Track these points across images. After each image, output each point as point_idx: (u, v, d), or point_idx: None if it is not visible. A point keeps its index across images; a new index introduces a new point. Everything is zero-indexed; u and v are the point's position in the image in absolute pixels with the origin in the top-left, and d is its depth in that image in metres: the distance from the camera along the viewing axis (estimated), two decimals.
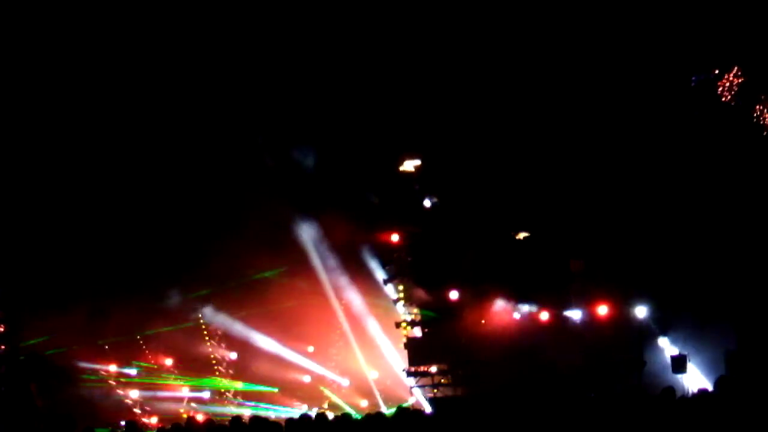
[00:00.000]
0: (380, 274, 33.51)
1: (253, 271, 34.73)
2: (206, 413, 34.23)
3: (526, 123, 29.71)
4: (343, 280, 34.39)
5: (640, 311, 28.19)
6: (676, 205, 27.62)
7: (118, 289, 33.76)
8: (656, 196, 27.86)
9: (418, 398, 32.07)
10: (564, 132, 29.13)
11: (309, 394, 37.65)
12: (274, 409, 35.82)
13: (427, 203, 31.69)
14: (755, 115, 26.88)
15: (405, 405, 16.44)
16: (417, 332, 32.19)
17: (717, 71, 27.61)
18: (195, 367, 37.47)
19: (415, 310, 32.29)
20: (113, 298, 33.99)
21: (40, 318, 33.47)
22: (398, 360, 33.77)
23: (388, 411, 29.73)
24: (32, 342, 33.85)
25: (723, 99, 27.31)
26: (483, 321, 30.87)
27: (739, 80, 27.19)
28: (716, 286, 26.50)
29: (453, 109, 30.52)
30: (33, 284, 33.12)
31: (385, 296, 33.55)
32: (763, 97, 26.90)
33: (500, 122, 30.06)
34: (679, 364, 25.99)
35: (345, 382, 37.61)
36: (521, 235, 32.50)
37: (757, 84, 27.14)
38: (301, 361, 37.05)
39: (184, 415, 34.24)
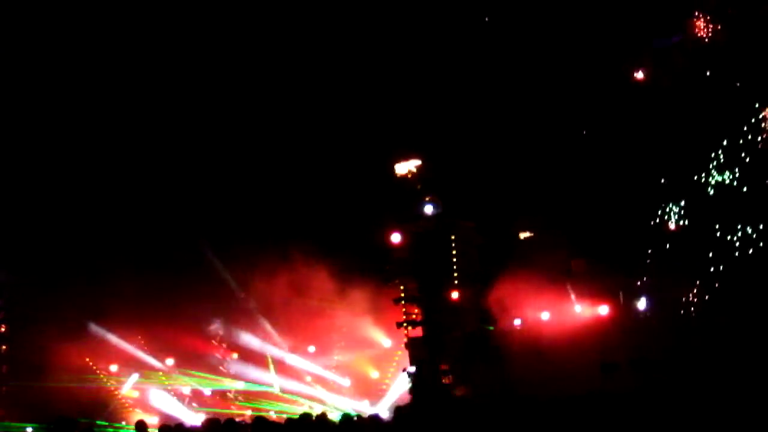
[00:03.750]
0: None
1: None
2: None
3: (527, 123, 29.72)
4: (345, 280, 34.45)
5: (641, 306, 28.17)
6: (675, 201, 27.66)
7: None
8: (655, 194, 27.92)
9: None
10: (564, 132, 29.14)
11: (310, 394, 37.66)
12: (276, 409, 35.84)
13: (429, 208, 31.61)
14: None
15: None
16: (418, 332, 32.10)
17: None
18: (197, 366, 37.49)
19: (416, 310, 32.20)
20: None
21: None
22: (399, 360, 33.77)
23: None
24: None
25: None
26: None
27: None
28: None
29: (453, 109, 30.51)
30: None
31: (386, 296, 33.49)
32: None
33: (501, 123, 30.06)
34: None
35: (346, 382, 37.56)
36: (523, 235, 32.52)
37: None
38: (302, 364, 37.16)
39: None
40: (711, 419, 11.77)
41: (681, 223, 27.88)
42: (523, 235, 32.61)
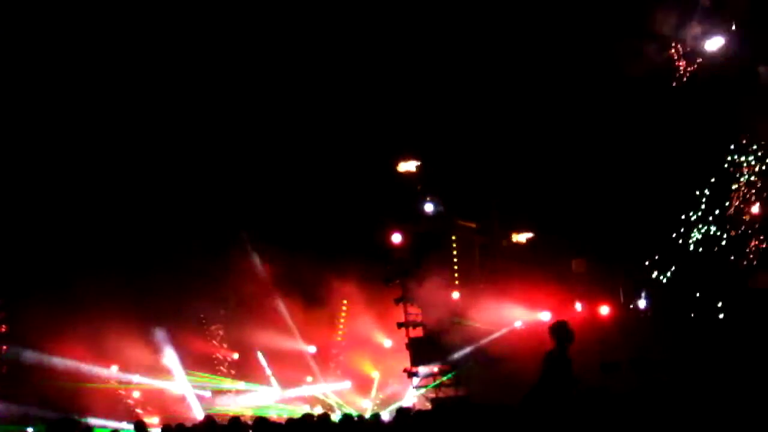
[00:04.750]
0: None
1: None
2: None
3: (526, 123, 29.74)
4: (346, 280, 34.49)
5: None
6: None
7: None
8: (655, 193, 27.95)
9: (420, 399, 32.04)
10: (564, 131, 29.15)
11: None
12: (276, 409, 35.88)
13: (429, 207, 31.65)
14: None
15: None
16: (419, 332, 32.10)
17: None
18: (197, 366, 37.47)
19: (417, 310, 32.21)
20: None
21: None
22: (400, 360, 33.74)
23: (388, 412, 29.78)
24: None
25: None
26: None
27: None
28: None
29: (454, 110, 30.53)
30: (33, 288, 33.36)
31: (387, 296, 33.51)
32: None
33: (501, 123, 30.08)
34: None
35: (347, 385, 37.56)
36: (523, 236, 32.54)
37: None
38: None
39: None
40: (711, 419, 11.78)
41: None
42: (523, 235, 32.64)
